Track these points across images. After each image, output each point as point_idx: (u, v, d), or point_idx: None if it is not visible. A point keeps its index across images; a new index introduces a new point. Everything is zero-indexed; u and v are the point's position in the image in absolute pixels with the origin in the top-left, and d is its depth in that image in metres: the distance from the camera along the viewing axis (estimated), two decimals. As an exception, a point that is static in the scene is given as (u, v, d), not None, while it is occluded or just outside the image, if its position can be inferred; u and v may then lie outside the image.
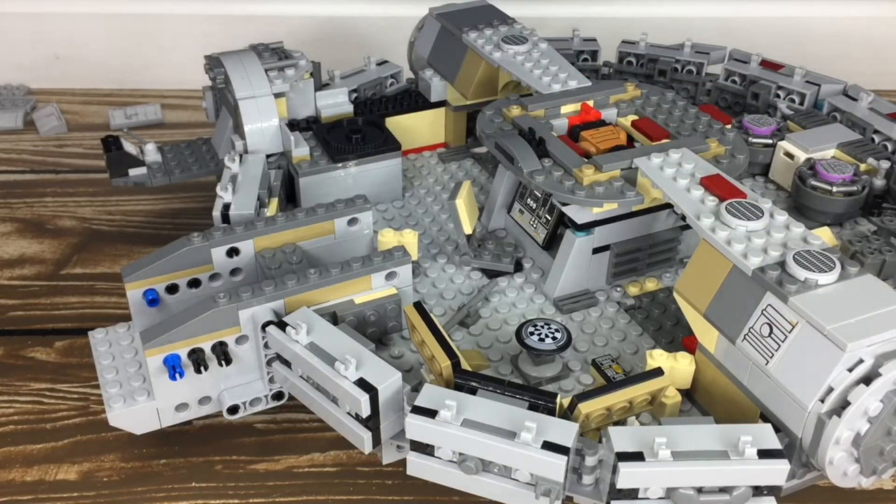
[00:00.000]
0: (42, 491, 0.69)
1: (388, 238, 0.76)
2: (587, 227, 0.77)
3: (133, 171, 0.92)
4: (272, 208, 0.81)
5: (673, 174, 0.72)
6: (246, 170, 0.82)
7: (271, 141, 0.87)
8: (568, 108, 0.85)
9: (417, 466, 0.60)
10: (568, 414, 0.60)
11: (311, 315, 0.66)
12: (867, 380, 0.56)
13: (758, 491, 0.56)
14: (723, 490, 0.56)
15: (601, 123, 0.83)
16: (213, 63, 0.90)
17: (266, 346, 0.67)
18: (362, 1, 1.29)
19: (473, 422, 0.57)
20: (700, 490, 0.56)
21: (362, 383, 0.60)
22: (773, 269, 0.61)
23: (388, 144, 0.89)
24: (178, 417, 0.70)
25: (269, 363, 0.69)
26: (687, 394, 0.68)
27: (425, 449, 0.59)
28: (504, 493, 0.58)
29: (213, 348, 0.67)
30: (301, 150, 0.87)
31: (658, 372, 0.64)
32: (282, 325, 0.65)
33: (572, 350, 0.73)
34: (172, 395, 0.68)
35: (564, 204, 0.76)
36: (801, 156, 0.91)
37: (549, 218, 0.81)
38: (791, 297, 0.59)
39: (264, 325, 0.66)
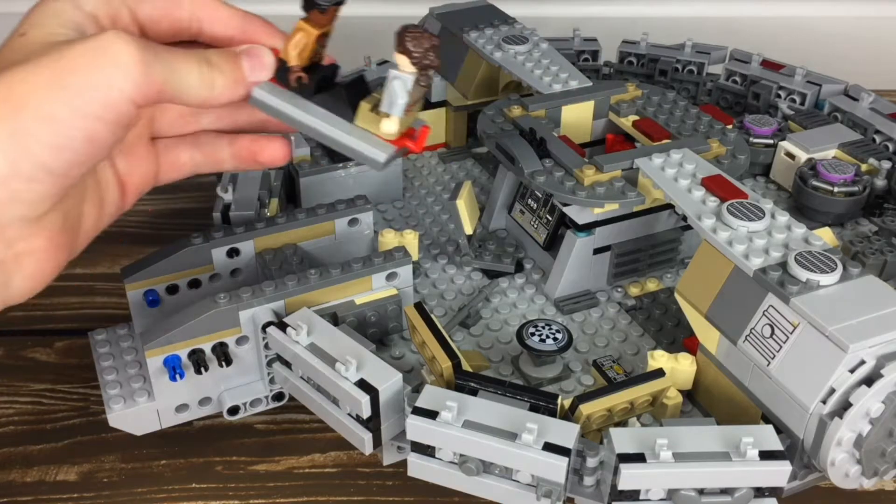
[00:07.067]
0: (42, 492, 0.69)
1: (388, 238, 0.76)
2: (588, 228, 0.77)
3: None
4: (272, 209, 0.81)
5: (674, 174, 0.72)
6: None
7: (272, 141, 0.87)
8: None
9: (418, 467, 0.60)
10: (569, 415, 0.60)
11: (311, 316, 0.66)
12: (869, 381, 0.55)
13: (759, 492, 0.56)
14: (724, 491, 0.56)
15: None
16: (214, 63, 0.90)
17: (266, 346, 0.67)
18: (362, 1, 1.29)
19: (474, 423, 0.57)
20: (701, 491, 0.56)
21: (363, 384, 0.60)
22: (774, 270, 0.61)
23: (388, 144, 0.89)
24: (178, 418, 0.70)
25: (269, 364, 0.68)
26: (688, 395, 0.68)
27: (426, 450, 0.59)
28: (505, 495, 0.58)
29: (214, 349, 0.67)
30: (301, 150, 0.87)
31: (659, 373, 0.64)
32: (282, 326, 0.65)
33: (573, 351, 0.73)
34: (173, 395, 0.68)
35: (565, 204, 0.76)
36: (803, 156, 0.91)
37: (550, 218, 0.81)
38: (792, 298, 0.59)
39: (265, 326, 0.66)
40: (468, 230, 0.81)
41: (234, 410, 0.70)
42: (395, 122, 0.58)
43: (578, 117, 0.87)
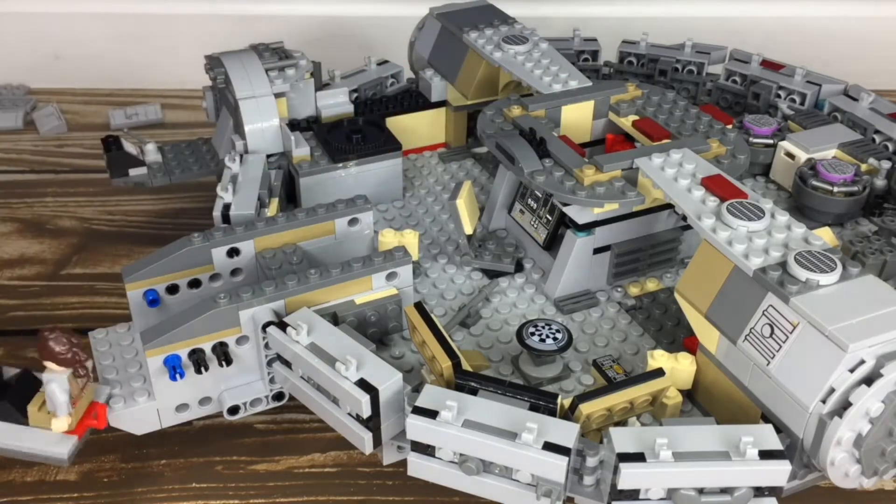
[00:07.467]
0: (42, 491, 0.69)
1: (388, 238, 0.76)
2: (588, 228, 0.77)
3: (133, 171, 0.92)
4: (272, 208, 0.81)
5: (674, 174, 0.72)
6: (246, 170, 0.82)
7: (272, 141, 0.87)
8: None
9: (418, 467, 0.60)
10: (569, 414, 0.60)
11: (311, 315, 0.66)
12: (868, 380, 0.55)
13: (759, 492, 0.56)
14: (724, 491, 0.56)
15: None
16: (214, 63, 0.90)
17: (266, 346, 0.67)
18: (362, 1, 1.29)
19: (474, 422, 0.57)
20: (701, 491, 0.56)
21: (363, 384, 0.60)
22: (774, 270, 0.61)
23: (388, 144, 0.89)
24: (178, 418, 0.70)
25: (269, 364, 0.68)
26: (688, 394, 0.68)
27: (426, 449, 0.59)
28: (505, 494, 0.58)
29: (214, 349, 0.67)
30: (301, 150, 0.87)
31: (659, 372, 0.64)
32: (282, 326, 0.65)
33: (573, 350, 0.73)
34: (173, 395, 0.68)
35: (565, 204, 0.76)
36: (802, 156, 0.91)
37: (550, 218, 0.81)
38: (792, 298, 0.59)
39: (265, 326, 0.66)
40: (468, 230, 0.81)
41: (234, 410, 0.70)
42: (64, 420, 0.62)
43: (578, 117, 0.87)
